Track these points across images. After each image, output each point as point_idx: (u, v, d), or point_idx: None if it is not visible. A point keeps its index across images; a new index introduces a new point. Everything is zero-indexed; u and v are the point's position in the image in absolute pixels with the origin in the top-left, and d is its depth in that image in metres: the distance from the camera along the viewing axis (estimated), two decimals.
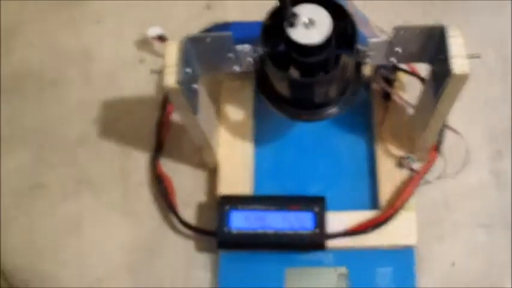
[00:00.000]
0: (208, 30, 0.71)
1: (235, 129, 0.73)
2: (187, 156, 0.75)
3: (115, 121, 0.79)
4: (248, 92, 0.74)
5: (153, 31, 0.77)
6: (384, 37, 0.58)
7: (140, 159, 0.76)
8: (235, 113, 0.74)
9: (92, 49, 0.83)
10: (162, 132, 0.75)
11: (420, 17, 0.81)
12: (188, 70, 0.56)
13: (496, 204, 0.72)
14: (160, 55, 0.56)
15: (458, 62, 0.53)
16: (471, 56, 0.53)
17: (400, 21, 0.79)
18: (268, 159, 0.73)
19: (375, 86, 0.73)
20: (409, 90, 0.72)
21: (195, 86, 0.59)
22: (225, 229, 0.67)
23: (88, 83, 0.81)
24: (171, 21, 0.82)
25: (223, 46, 0.57)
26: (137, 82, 0.79)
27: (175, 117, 0.74)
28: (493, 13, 0.81)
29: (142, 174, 0.76)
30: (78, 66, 0.82)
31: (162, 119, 0.75)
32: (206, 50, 0.57)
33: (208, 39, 0.56)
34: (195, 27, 0.72)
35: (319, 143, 0.74)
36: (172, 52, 0.55)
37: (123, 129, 0.78)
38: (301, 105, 0.61)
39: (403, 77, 0.71)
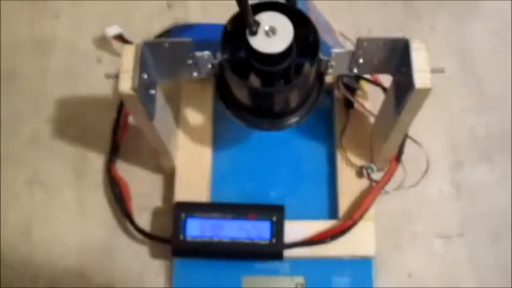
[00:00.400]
0: (169, 31, 0.70)
1: (194, 134, 0.72)
2: (144, 159, 0.74)
3: (70, 120, 0.77)
4: (208, 95, 0.73)
5: (112, 30, 0.75)
6: (347, 47, 0.57)
7: (96, 161, 0.74)
8: (195, 116, 0.72)
9: (49, 45, 0.81)
10: (118, 134, 0.73)
11: (386, 23, 0.80)
12: (145, 75, 0.54)
13: (456, 215, 0.72)
14: (119, 54, 0.54)
15: (421, 76, 0.52)
16: (435, 71, 0.53)
17: (365, 26, 0.79)
18: (226, 165, 0.72)
19: (337, 94, 0.72)
20: (372, 99, 0.71)
21: (152, 91, 0.57)
22: (180, 237, 0.66)
23: (44, 80, 0.79)
24: (131, 19, 0.80)
25: (182, 52, 0.55)
26: (94, 82, 0.77)
27: (133, 119, 0.72)
28: (459, 21, 0.80)
29: (97, 177, 0.74)
30: (34, 62, 0.80)
31: (119, 121, 0.73)
32: (164, 55, 0.55)
33: (166, 45, 0.54)
34: (156, 26, 0.71)
35: (279, 150, 0.73)
36: (128, 57, 0.53)
37: (78, 130, 0.76)
38: (261, 113, 0.60)
39: (365, 85, 0.71)
